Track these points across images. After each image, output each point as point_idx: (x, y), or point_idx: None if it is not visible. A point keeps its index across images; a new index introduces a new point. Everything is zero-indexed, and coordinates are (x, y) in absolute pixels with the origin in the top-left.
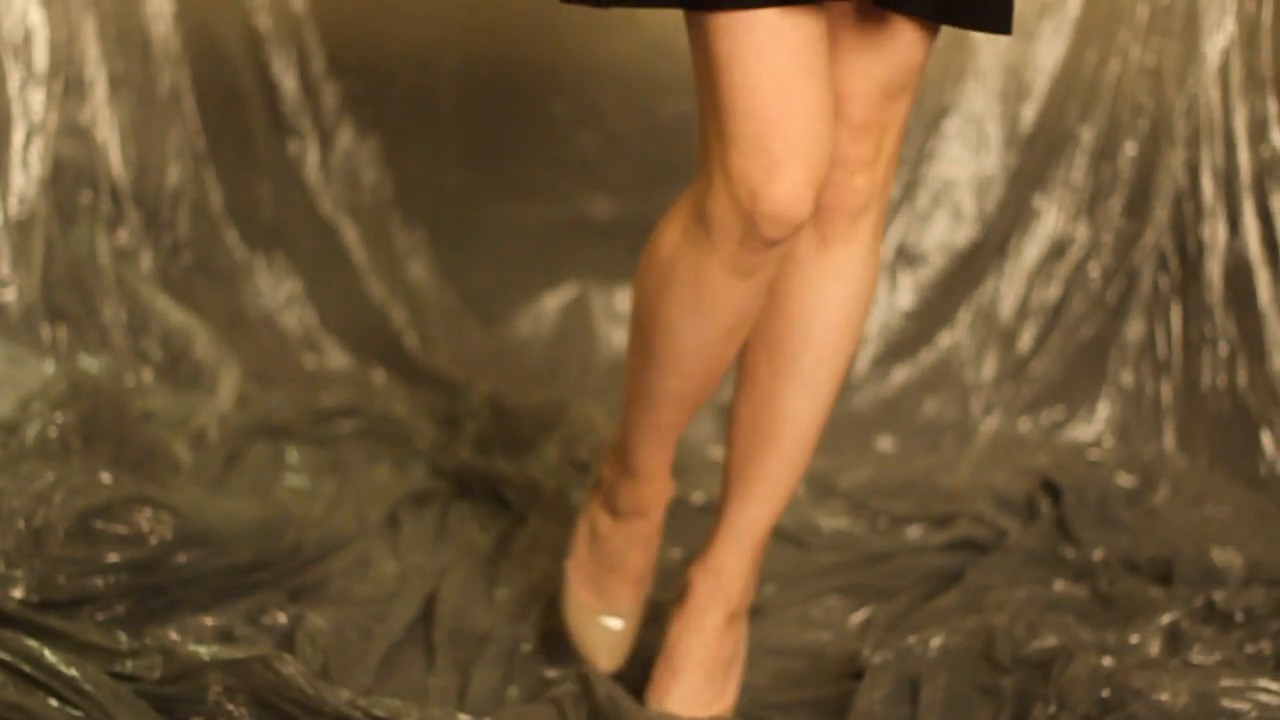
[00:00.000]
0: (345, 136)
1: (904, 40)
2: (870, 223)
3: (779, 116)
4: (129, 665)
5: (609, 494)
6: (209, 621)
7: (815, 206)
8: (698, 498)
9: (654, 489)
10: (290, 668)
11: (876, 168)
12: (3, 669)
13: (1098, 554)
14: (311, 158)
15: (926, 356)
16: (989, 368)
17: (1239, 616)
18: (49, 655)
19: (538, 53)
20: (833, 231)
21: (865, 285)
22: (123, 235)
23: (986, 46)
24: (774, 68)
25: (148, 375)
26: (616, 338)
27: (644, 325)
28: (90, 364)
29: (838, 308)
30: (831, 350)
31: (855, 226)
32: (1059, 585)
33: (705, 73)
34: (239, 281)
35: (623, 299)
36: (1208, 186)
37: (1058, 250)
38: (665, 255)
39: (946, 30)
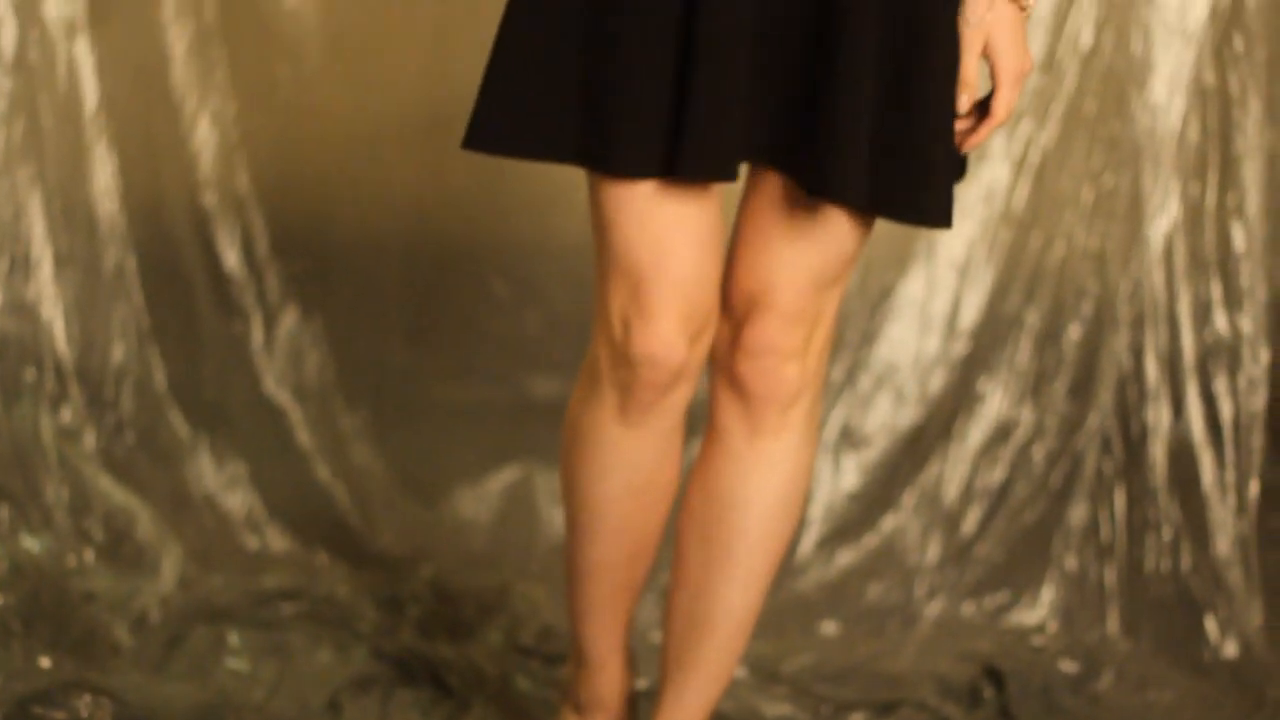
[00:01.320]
0: (289, 316)
1: (836, 230)
2: (802, 412)
3: (655, 274)
4: None
5: (571, 688)
6: None
7: (691, 360)
8: (641, 684)
9: (608, 678)
10: None
11: (808, 357)
12: None
13: None
14: (256, 337)
15: (870, 540)
16: (933, 551)
17: None
18: None
19: (481, 232)
20: (764, 421)
21: (798, 475)
22: (66, 414)
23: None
24: (653, 234)
25: (89, 556)
26: (560, 519)
27: (563, 490)
28: (32, 544)
29: (771, 498)
30: (765, 540)
31: (787, 416)
32: None
33: (595, 221)
34: (182, 462)
35: None
36: (1151, 370)
37: (1002, 433)
38: (572, 415)
39: None
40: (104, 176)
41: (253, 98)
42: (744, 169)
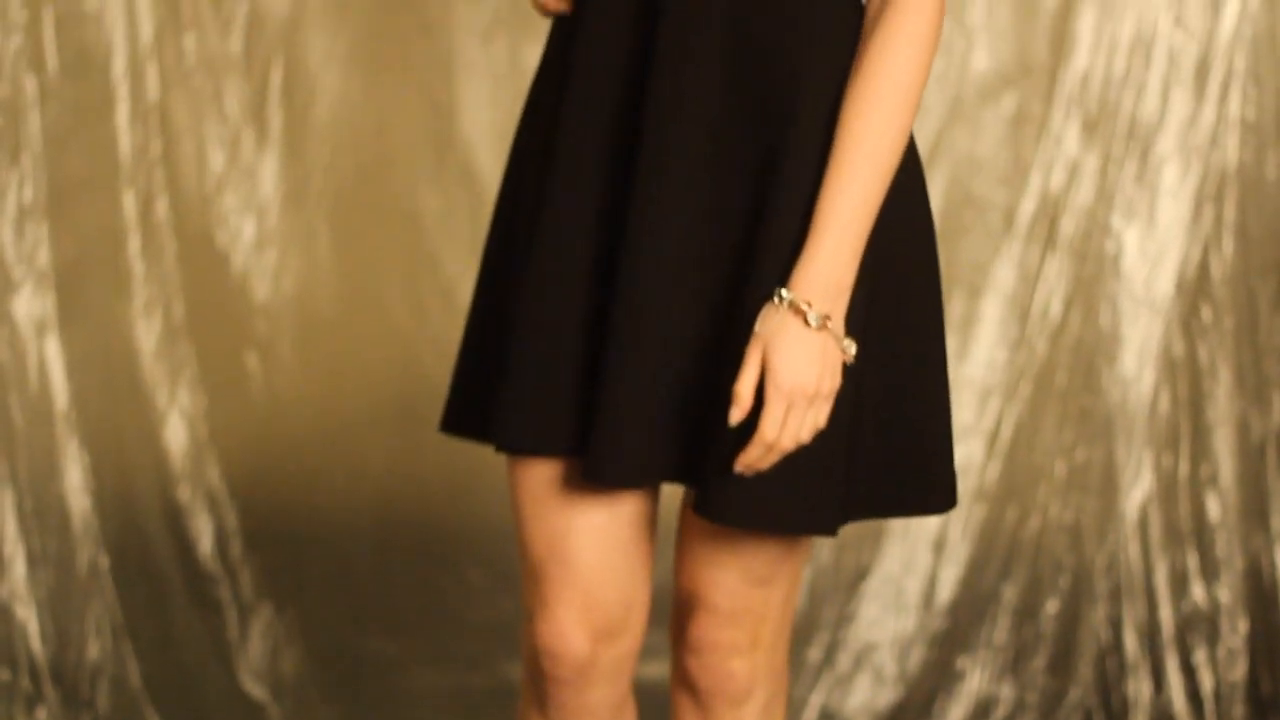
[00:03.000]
0: (264, 609)
1: (755, 534)
2: (757, 708)
3: (552, 566)
4: None
5: None
6: None
7: (602, 659)
8: None
9: None
10: None
11: (756, 654)
12: None
13: None
14: (231, 631)
15: None
16: None
17: None
18: None
19: (455, 520)
20: (717, 718)
21: None
22: (42, 714)
23: None
24: (552, 524)
25: None
26: None
27: None
28: None
29: None
30: None
31: (739, 712)
32: None
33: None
34: None
35: None
36: (1131, 642)
37: (982, 711)
38: (518, 709)
39: None
40: (75, 474)
41: (223, 392)
42: None
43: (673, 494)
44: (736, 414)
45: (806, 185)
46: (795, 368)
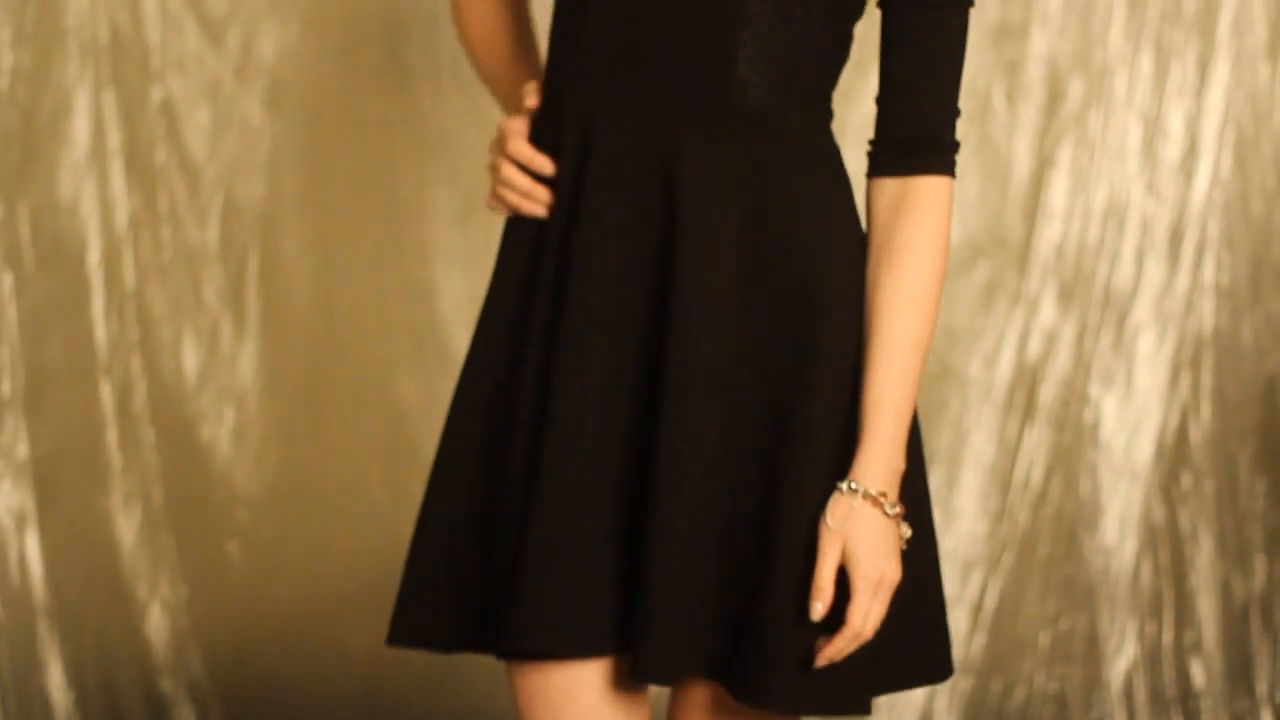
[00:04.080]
0: None
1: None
2: None
3: None
4: None
5: None
6: None
7: None
8: None
9: None
10: None
11: None
12: None
13: None
14: None
15: None
16: None
17: None
18: None
19: (440, 702)
20: None
21: None
22: None
23: None
24: None
25: None
26: None
27: None
28: None
29: None
30: None
31: None
32: None
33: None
34: None
35: None
36: None
37: None
38: None
39: None
40: (57, 669)
41: (204, 581)
42: None
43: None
44: (820, 608)
45: (841, 375)
46: (879, 557)
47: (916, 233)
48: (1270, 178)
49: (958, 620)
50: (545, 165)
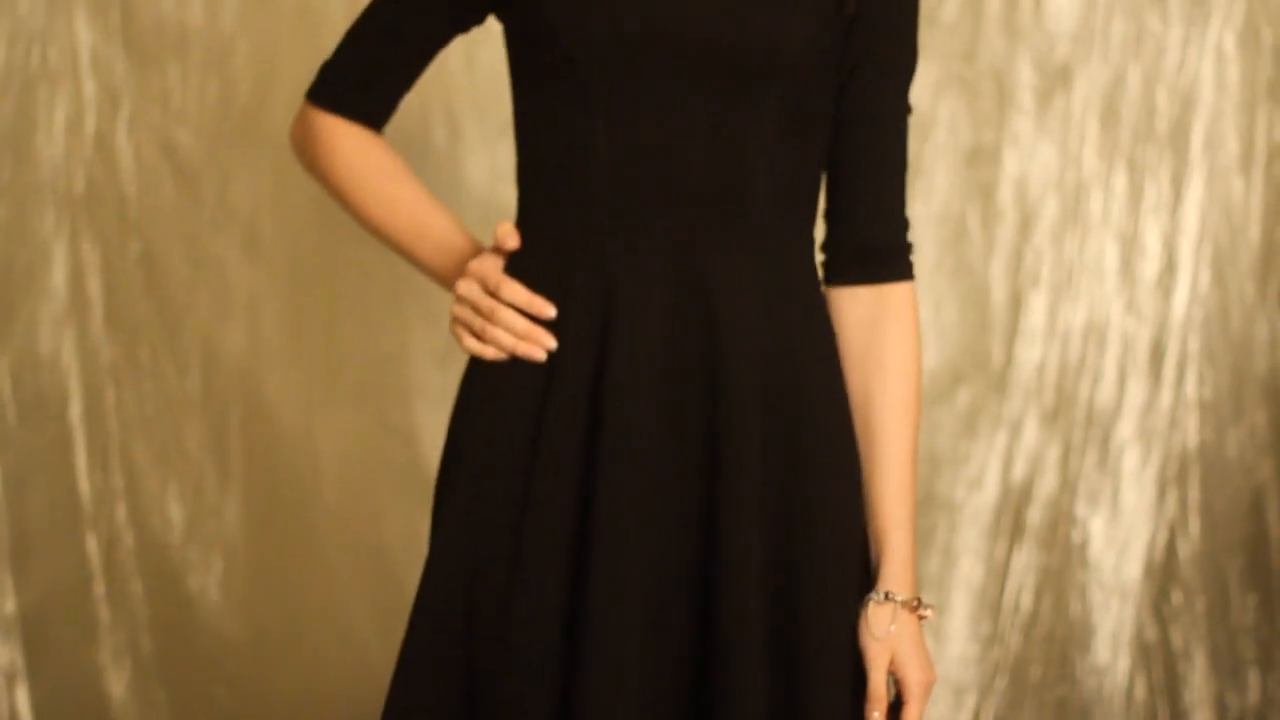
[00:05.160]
0: None
1: None
2: None
3: None
4: None
5: None
6: None
7: None
8: None
9: None
10: None
11: None
12: None
13: None
14: None
15: None
16: None
17: None
18: None
19: None
20: None
21: None
22: None
23: None
24: None
25: None
26: None
27: None
28: None
29: None
30: None
31: None
32: None
33: None
34: None
35: None
36: None
37: None
38: None
39: None
40: None
41: None
42: None
43: None
44: (877, 717)
45: (842, 515)
46: (923, 663)
47: (900, 341)
48: (1248, 291)
49: None
50: (547, 309)
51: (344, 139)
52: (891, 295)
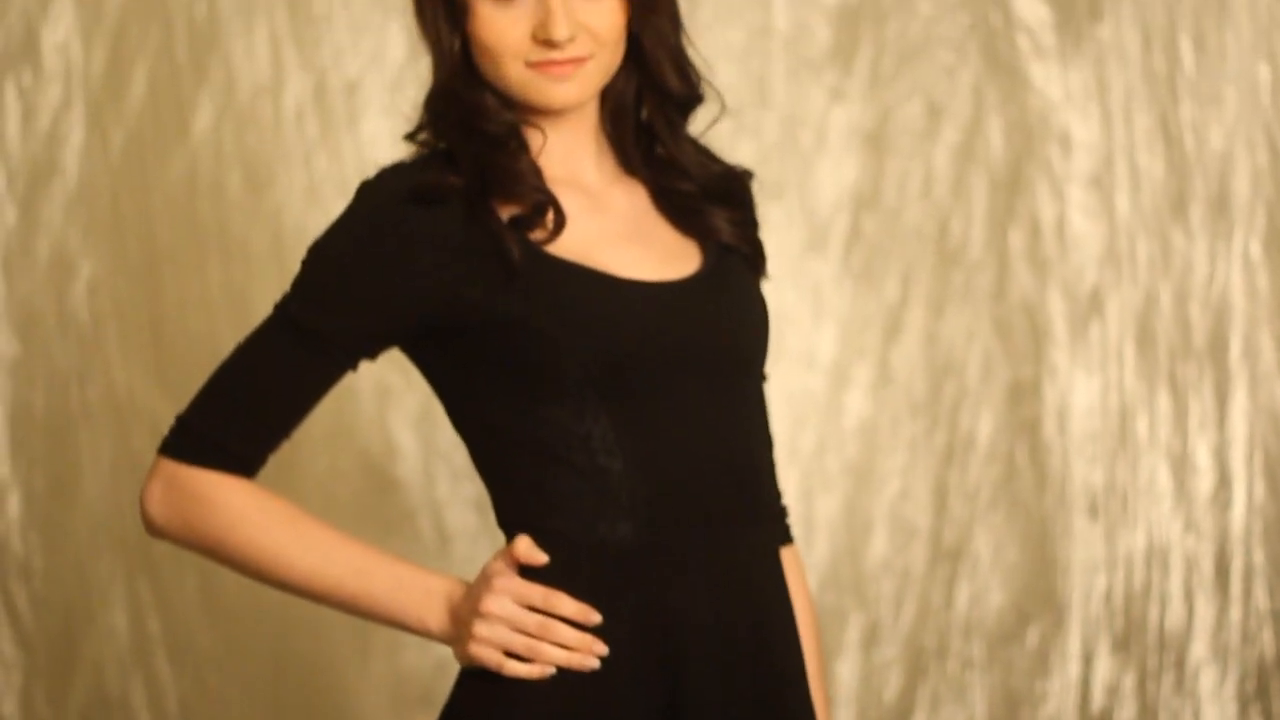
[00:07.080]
0: None
1: None
2: None
3: None
4: None
5: None
6: None
7: None
8: None
9: None
10: None
11: None
12: None
13: None
14: None
15: None
16: None
17: None
18: None
19: None
20: None
21: None
22: None
23: None
24: None
25: None
26: None
27: None
28: None
29: None
30: None
31: None
32: None
33: None
34: None
35: None
36: None
37: None
38: None
39: None
40: None
41: None
42: None
43: None
44: None
45: None
46: None
47: (808, 600)
48: None
49: None
50: (592, 615)
51: (232, 491)
52: (792, 555)
